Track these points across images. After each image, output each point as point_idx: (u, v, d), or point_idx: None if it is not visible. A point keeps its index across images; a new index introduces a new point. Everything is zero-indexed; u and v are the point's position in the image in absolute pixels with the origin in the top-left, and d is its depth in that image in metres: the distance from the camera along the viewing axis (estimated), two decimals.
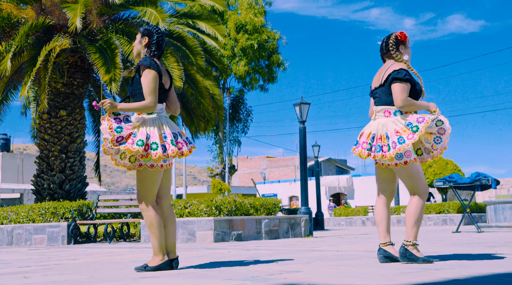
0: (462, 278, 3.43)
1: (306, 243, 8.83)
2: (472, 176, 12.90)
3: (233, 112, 33.47)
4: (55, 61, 14.47)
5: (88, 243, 11.62)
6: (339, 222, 28.38)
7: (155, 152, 4.29)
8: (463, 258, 4.91)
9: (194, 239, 10.16)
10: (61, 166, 15.45)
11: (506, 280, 3.31)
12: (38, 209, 12.28)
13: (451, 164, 27.80)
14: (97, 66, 13.53)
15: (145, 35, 4.72)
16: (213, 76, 17.73)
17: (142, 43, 4.73)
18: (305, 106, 16.38)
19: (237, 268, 4.43)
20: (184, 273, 4.15)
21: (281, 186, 46.93)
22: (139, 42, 4.74)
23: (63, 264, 5.57)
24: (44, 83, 13.76)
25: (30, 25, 13.59)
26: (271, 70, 32.40)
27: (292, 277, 3.68)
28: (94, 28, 14.42)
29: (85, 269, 4.87)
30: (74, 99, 15.81)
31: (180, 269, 4.50)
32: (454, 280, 3.31)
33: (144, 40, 4.71)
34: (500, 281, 3.26)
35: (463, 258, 4.91)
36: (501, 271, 3.78)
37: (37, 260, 6.41)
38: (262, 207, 11.45)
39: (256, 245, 8.63)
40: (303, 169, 15.78)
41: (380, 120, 4.55)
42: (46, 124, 15.62)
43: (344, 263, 4.65)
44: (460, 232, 12.67)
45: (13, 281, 4.02)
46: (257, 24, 30.95)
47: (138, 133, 4.35)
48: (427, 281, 3.27)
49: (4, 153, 38.93)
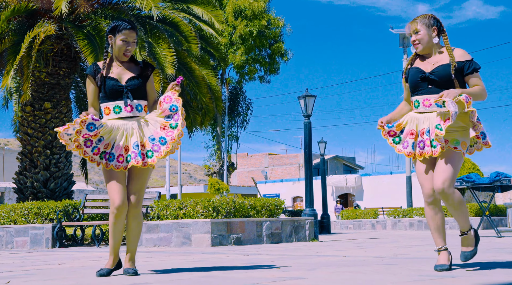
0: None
1: (311, 248, 8.84)
2: (492, 176, 12.90)
3: (231, 105, 33.45)
4: (39, 48, 14.45)
5: (75, 246, 11.63)
6: (346, 225, 28.41)
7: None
8: (482, 265, 4.91)
9: (190, 242, 10.17)
10: (45, 163, 15.46)
11: None
12: (20, 209, 12.29)
13: (469, 163, 27.78)
14: (84, 54, 13.53)
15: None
16: (211, 66, 17.72)
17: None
18: (310, 99, 16.39)
19: (236, 274, 4.44)
20: (179, 280, 4.15)
21: (284, 185, 46.96)
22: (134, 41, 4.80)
23: (47, 269, 5.58)
24: (27, 72, 13.75)
25: (13, 10, 13.58)
26: (273, 60, 32.28)
27: (296, 284, 3.69)
28: (81, 13, 14.41)
29: (71, 274, 4.88)
30: (59, 90, 15.80)
31: (174, 274, 4.51)
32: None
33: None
34: None
35: (482, 265, 4.91)
36: None
37: (19, 264, 6.42)
38: (264, 208, 11.46)
39: (257, 249, 8.64)
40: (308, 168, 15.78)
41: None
42: (29, 117, 15.62)
43: (352, 270, 4.66)
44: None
45: None
46: (257, 9, 30.76)
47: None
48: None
49: None
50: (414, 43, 4.62)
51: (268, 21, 31.66)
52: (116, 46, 4.73)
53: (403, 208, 27.29)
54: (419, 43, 4.58)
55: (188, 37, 15.37)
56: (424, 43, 4.58)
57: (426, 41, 4.58)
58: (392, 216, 26.18)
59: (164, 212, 10.92)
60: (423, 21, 4.59)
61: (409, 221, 24.58)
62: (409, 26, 4.67)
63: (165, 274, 4.66)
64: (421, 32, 4.58)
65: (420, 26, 4.60)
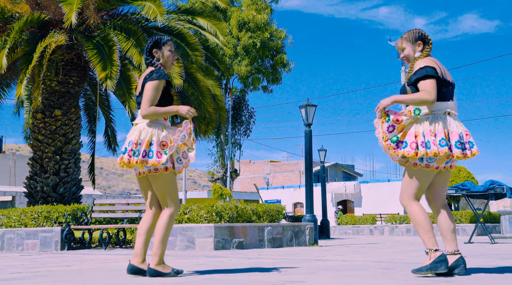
0: None
1: (311, 252, 8.83)
2: (486, 184, 12.88)
3: (235, 114, 33.45)
4: (50, 58, 14.50)
5: (83, 249, 11.62)
6: (345, 231, 28.36)
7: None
8: (476, 270, 4.90)
9: (193, 246, 10.16)
10: (55, 168, 15.46)
11: None
12: (30, 213, 12.29)
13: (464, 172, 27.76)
14: (93, 63, 13.55)
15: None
16: (215, 76, 17.74)
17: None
18: (311, 108, 16.39)
19: (238, 277, 4.43)
20: (182, 283, 4.15)
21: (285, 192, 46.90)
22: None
23: (56, 271, 5.57)
24: (38, 80, 13.77)
25: (25, 21, 13.61)
26: (275, 70, 32.30)
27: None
28: (91, 24, 14.45)
29: (79, 276, 4.87)
30: (69, 98, 15.83)
31: (177, 278, 4.50)
32: None
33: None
34: None
35: (476, 270, 4.90)
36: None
37: (29, 266, 6.42)
38: (265, 213, 11.45)
39: (258, 253, 8.63)
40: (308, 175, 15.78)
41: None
42: (40, 124, 15.64)
43: (351, 274, 4.65)
44: (473, 243, 12.64)
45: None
46: (260, 21, 30.83)
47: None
48: None
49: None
50: (404, 60, 4.68)
51: (271, 33, 31.72)
52: (165, 57, 4.83)
53: (400, 215, 27.25)
54: (407, 59, 4.69)
55: (194, 48, 15.39)
56: (411, 58, 4.67)
57: (413, 57, 4.65)
58: (390, 222, 26.14)
59: None
60: (407, 38, 4.68)
61: (406, 227, 24.53)
62: (397, 44, 4.74)
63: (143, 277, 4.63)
64: (406, 49, 4.68)
65: (405, 43, 4.68)
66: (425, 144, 4.30)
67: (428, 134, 4.32)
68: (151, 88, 4.59)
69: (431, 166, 4.44)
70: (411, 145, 4.33)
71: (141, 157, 4.49)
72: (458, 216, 23.18)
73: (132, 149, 4.53)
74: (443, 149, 4.27)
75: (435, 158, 4.40)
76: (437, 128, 4.35)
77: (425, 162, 4.42)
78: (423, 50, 4.60)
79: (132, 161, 4.52)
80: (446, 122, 4.39)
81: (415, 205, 4.46)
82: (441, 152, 4.26)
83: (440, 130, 4.34)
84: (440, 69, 4.50)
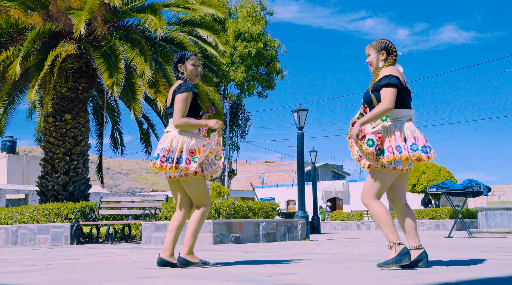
0: (454, 282, 3.43)
1: (303, 246, 8.82)
2: (465, 183, 12.90)
3: (232, 118, 33.44)
4: (61, 66, 14.49)
5: (91, 243, 11.60)
6: (335, 226, 28.35)
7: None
8: (456, 262, 4.91)
9: None
10: (65, 168, 15.43)
11: (495, 284, 3.31)
12: (42, 210, 12.26)
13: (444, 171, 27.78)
14: (100, 71, 13.55)
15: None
16: (213, 82, 17.72)
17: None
18: (303, 113, 16.40)
19: (235, 270, 4.43)
20: (183, 274, 4.14)
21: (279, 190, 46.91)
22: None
23: (65, 263, 5.56)
24: (49, 87, 13.76)
25: (37, 31, 13.60)
26: (270, 77, 32.33)
27: (289, 279, 3.68)
28: (99, 35, 14.45)
29: (87, 269, 4.86)
30: (78, 103, 15.81)
31: (177, 270, 4.49)
32: (446, 284, 3.31)
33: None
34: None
35: (456, 262, 4.91)
36: (491, 276, 3.78)
37: (40, 259, 6.40)
38: (260, 210, 11.44)
39: (254, 247, 8.62)
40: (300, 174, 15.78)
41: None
42: (51, 127, 15.62)
43: (340, 266, 4.65)
44: (452, 237, 12.66)
45: (17, 280, 4.01)
46: (255, 32, 30.89)
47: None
48: (421, 284, 3.27)
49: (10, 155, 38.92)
50: (368, 64, 4.68)
51: (265, 42, 31.75)
52: (188, 70, 4.90)
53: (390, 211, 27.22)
54: (370, 65, 4.65)
55: None
56: (374, 65, 4.63)
57: (375, 64, 4.61)
58: None
59: (171, 213, 10.90)
60: (374, 46, 4.64)
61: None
62: (366, 49, 4.71)
63: (170, 268, 4.64)
64: (371, 56, 4.64)
65: (372, 50, 4.65)
66: (398, 148, 4.27)
67: (398, 140, 4.30)
68: (181, 100, 4.69)
69: (397, 169, 4.42)
70: (388, 149, 4.31)
71: (173, 163, 4.59)
72: (438, 213, 23.21)
73: (164, 156, 4.63)
74: (415, 154, 4.25)
75: (401, 162, 4.38)
76: (406, 134, 4.34)
77: (393, 165, 4.38)
78: (386, 60, 4.57)
79: (165, 167, 4.61)
80: (412, 128, 4.39)
81: (377, 203, 4.44)
82: (413, 156, 4.24)
83: (409, 136, 4.32)
84: (403, 78, 4.48)
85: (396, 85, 4.35)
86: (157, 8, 14.23)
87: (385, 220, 4.38)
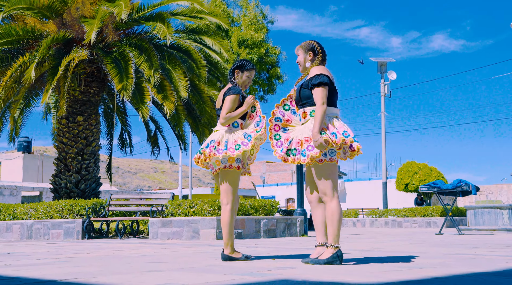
0: (444, 276, 3.43)
1: (301, 242, 8.82)
2: (454, 183, 12.89)
3: None
4: (74, 71, 14.51)
5: (101, 238, 11.60)
6: None
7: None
8: (446, 258, 4.90)
9: (198, 236, 10.14)
10: (77, 167, 15.46)
11: (483, 278, 3.31)
12: (55, 206, 12.27)
13: (435, 171, 27.78)
14: (111, 76, 13.57)
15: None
16: (217, 87, 17.74)
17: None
18: None
19: (237, 264, 4.43)
20: (188, 268, 4.14)
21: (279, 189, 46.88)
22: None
23: (77, 257, 5.56)
24: (63, 91, 13.79)
25: (52, 38, 13.63)
26: (271, 82, 32.34)
27: (288, 273, 3.68)
28: (110, 41, 14.47)
29: (97, 262, 4.87)
30: (90, 106, 15.84)
31: (184, 261, 4.49)
32: (436, 278, 3.31)
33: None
34: (478, 279, 3.26)
35: (446, 258, 4.90)
36: (479, 270, 3.78)
37: (54, 253, 6.41)
38: (261, 208, 11.44)
39: (255, 243, 8.62)
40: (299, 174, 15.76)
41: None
42: (64, 128, 15.64)
43: None
44: (443, 234, 12.65)
45: (32, 272, 4.02)
46: (257, 39, 30.96)
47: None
48: (412, 279, 3.26)
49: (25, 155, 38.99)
50: (298, 64, 4.65)
51: (267, 49, 31.77)
52: (242, 80, 5.01)
53: (380, 209, 27.24)
54: (299, 64, 4.63)
55: (199, 63, 15.41)
56: (302, 64, 4.61)
57: (303, 64, 4.59)
58: (370, 216, 26.13)
59: (176, 210, 10.91)
60: (303, 46, 4.62)
61: (385, 220, 24.52)
62: (296, 49, 4.68)
63: (177, 260, 4.64)
64: (299, 56, 4.63)
65: (300, 51, 4.62)
66: (333, 134, 4.19)
67: (331, 128, 4.22)
68: (229, 101, 4.84)
69: (334, 160, 4.29)
70: (332, 135, 4.21)
71: (222, 151, 4.72)
72: (430, 211, 23.17)
73: (213, 146, 4.78)
74: (348, 139, 4.18)
75: (335, 152, 4.26)
76: (337, 125, 4.26)
77: (329, 156, 4.25)
78: (313, 61, 4.54)
79: (214, 154, 4.73)
80: (339, 122, 4.31)
81: (337, 201, 4.28)
82: (348, 141, 4.17)
83: (340, 126, 4.26)
84: (331, 77, 4.42)
85: (327, 84, 4.32)
86: (165, 16, 14.25)
87: (340, 219, 4.27)
